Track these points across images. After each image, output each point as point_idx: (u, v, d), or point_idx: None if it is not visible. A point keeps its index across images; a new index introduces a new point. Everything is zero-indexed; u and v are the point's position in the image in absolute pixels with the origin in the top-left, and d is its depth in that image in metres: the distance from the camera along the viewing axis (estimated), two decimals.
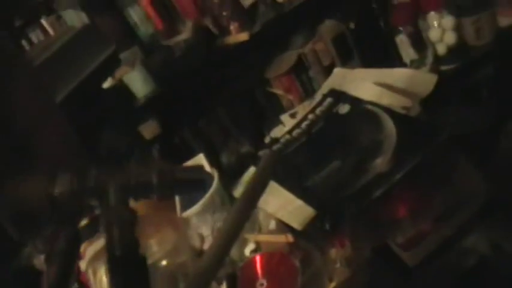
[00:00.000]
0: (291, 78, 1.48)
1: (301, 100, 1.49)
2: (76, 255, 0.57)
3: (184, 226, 1.15)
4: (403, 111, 1.11)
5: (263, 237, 1.12)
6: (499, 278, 1.00)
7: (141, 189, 0.42)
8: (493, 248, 0.99)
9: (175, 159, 1.36)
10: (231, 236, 0.52)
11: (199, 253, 1.12)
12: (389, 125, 1.10)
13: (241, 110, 1.49)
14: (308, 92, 1.50)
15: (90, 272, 1.02)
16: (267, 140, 1.40)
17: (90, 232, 1.01)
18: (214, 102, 1.46)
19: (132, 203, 0.56)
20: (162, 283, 1.03)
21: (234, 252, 1.10)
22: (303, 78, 1.50)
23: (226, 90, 1.46)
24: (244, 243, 1.12)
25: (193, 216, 1.17)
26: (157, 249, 1.08)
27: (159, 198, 0.44)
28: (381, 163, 1.04)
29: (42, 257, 1.08)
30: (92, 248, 1.05)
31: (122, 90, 1.36)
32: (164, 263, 1.06)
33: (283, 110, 1.50)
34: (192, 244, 1.14)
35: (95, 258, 1.03)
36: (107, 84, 1.35)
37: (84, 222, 0.90)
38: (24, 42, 1.33)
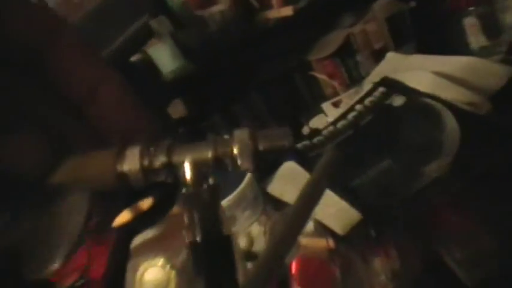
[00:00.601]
0: (336, 62, 1.43)
1: (346, 87, 1.44)
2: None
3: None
4: (469, 108, 1.07)
5: (300, 240, 1.06)
6: None
7: (221, 162, 0.40)
8: None
9: None
10: (286, 243, 0.48)
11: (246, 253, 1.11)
12: (452, 123, 1.04)
13: (278, 95, 1.45)
14: (354, 78, 1.45)
15: (129, 267, 0.98)
16: (305, 130, 1.34)
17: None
18: (248, 84, 1.42)
19: None
20: None
21: None
22: (349, 63, 1.45)
23: (263, 71, 1.42)
24: None
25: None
26: None
27: (243, 170, 0.42)
28: (439, 167, 1.00)
29: None
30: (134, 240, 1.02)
31: (146, 64, 1.32)
32: None
33: (324, 98, 1.45)
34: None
35: (136, 253, 0.99)
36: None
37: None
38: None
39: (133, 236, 0.98)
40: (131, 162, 0.42)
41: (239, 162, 0.41)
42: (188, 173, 0.41)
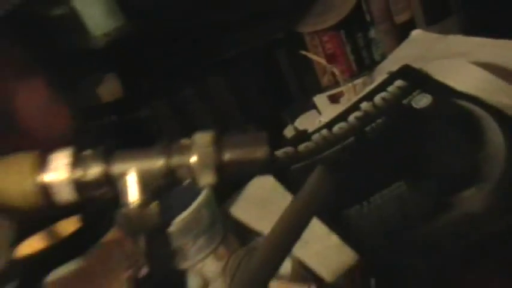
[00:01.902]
0: (339, 38, 1.45)
1: (351, 75, 1.45)
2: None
3: None
4: None
5: (272, 286, 1.09)
6: None
7: (175, 174, 0.43)
8: None
9: (136, 141, 1.36)
10: (261, 279, 0.55)
11: None
12: (496, 136, 1.05)
13: (251, 79, 1.46)
14: (363, 62, 1.48)
15: None
16: (288, 131, 1.37)
17: None
18: (210, 62, 1.43)
19: None
20: None
21: None
22: (358, 40, 1.47)
23: (231, 44, 1.44)
24: None
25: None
26: None
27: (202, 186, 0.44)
28: (474, 197, 1.00)
29: None
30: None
31: (69, 21, 1.32)
32: None
33: (318, 88, 1.46)
34: None
35: None
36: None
37: None
38: None
39: (47, 271, 0.96)
40: (57, 171, 0.42)
41: (198, 175, 0.43)
42: (133, 188, 0.42)
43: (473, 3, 1.42)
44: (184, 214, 1.16)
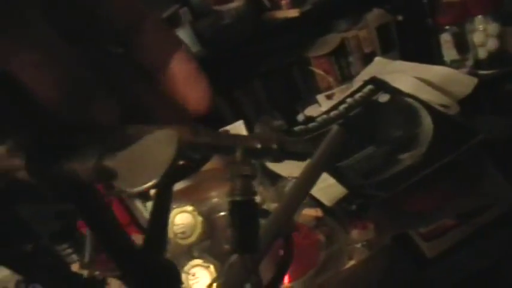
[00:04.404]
0: (331, 60, 1.51)
1: (338, 83, 1.52)
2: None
3: None
4: (441, 109, 1.15)
5: None
6: (509, 285, 1.06)
7: (263, 153, 0.39)
8: (508, 254, 1.04)
9: (207, 124, 1.33)
10: (294, 203, 0.58)
11: None
12: (427, 120, 1.13)
13: (277, 84, 1.52)
14: (345, 76, 1.54)
15: None
16: (300, 117, 1.43)
17: None
18: (252, 73, 1.49)
19: None
20: (221, 233, 1.08)
21: None
22: (342, 62, 1.53)
23: (267, 63, 1.49)
24: None
25: None
26: (217, 201, 1.12)
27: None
28: (413, 156, 1.08)
29: None
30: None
31: None
32: (222, 214, 1.11)
33: (318, 90, 1.52)
34: None
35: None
36: None
37: None
38: None
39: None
40: (204, 136, 0.35)
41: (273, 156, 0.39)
42: (238, 155, 0.37)
43: (405, 45, 1.51)
44: None
